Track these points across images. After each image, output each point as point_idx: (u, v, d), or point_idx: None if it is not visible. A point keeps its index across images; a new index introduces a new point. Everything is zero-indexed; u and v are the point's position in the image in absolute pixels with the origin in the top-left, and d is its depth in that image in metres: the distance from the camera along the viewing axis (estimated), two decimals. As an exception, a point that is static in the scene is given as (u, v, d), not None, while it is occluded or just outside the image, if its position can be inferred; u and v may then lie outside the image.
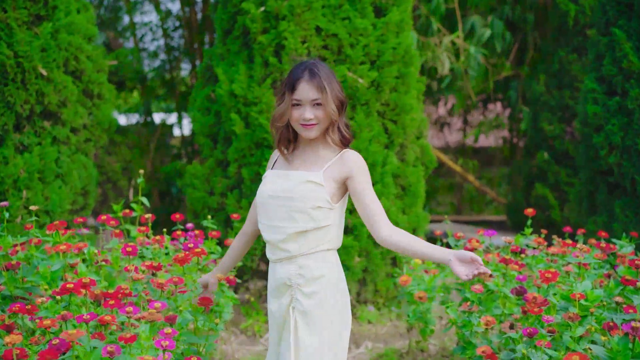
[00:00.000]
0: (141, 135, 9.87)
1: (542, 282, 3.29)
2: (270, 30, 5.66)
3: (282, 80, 2.97)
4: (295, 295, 2.77)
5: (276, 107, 2.81)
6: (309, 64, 2.77)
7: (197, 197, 5.88)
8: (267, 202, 2.81)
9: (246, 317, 5.78)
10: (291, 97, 2.74)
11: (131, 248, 3.52)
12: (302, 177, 2.76)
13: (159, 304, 2.79)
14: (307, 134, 2.77)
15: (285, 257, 2.79)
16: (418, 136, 6.22)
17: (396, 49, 5.83)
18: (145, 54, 10.90)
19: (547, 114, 8.40)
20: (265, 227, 2.84)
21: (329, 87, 2.71)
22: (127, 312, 2.67)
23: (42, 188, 5.55)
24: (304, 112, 2.72)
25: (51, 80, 5.56)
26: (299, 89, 2.72)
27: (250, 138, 5.63)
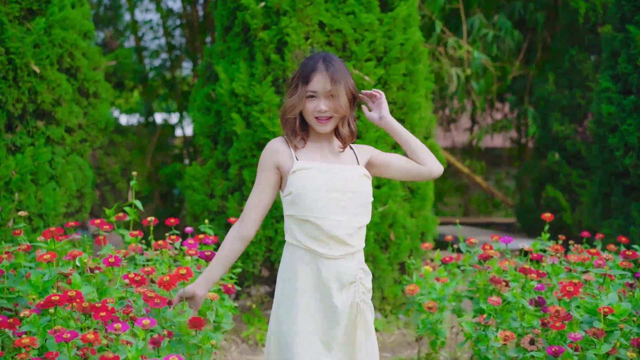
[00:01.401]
0: (142, 135, 9.68)
1: (564, 295, 3.05)
2: (272, 26, 5.43)
3: (293, 73, 2.75)
4: (360, 290, 2.70)
5: (287, 99, 2.71)
6: (322, 56, 2.69)
7: (196, 200, 5.65)
8: (323, 197, 2.63)
9: (247, 325, 5.55)
10: (305, 89, 2.66)
11: (114, 259, 3.29)
12: (358, 171, 2.71)
13: (147, 321, 2.56)
14: (323, 128, 2.69)
15: (349, 253, 2.67)
16: (426, 136, 5.98)
17: (404, 45, 5.60)
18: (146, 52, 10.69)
19: (558, 114, 8.17)
20: (327, 223, 2.63)
21: (343, 80, 2.65)
22: (115, 329, 2.44)
23: (35, 190, 5.33)
24: (319, 104, 2.65)
25: (44, 78, 5.33)
26: (314, 81, 2.64)
27: (252, 138, 5.40)
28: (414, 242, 5.68)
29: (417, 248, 5.71)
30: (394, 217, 5.52)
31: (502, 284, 3.73)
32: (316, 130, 2.70)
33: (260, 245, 5.42)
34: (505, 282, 3.75)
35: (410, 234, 5.62)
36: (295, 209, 2.64)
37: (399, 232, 5.54)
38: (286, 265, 2.71)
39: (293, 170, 2.64)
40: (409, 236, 5.62)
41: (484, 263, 3.89)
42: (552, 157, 8.20)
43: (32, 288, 3.32)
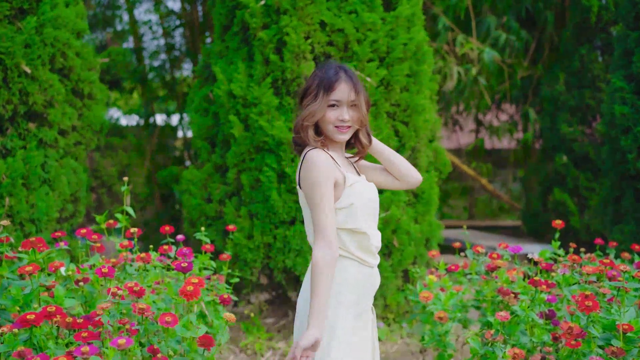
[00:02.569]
0: (141, 137, 9.52)
1: (582, 310, 2.85)
2: (271, 26, 5.25)
3: (308, 81, 2.68)
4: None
5: (308, 106, 2.64)
6: (340, 66, 2.70)
7: (193, 205, 5.47)
8: (371, 208, 2.70)
9: (246, 334, 5.37)
10: (328, 98, 2.62)
11: (107, 269, 3.11)
12: (374, 185, 2.78)
13: (123, 340, 2.38)
14: (342, 137, 2.66)
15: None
16: (431, 139, 5.80)
17: (407, 45, 5.41)
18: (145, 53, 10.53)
19: (566, 115, 7.97)
20: (373, 233, 2.69)
21: (362, 91, 2.67)
22: (82, 353, 2.26)
23: (27, 195, 5.15)
24: (342, 114, 2.62)
25: (36, 79, 5.15)
26: (338, 90, 2.62)
27: (250, 141, 5.22)
28: (419, 248, 5.49)
29: (421, 254, 5.52)
30: (398, 223, 5.33)
31: (510, 296, 3.53)
32: (334, 138, 2.66)
33: (258, 252, 5.24)
34: (514, 293, 3.56)
35: (414, 240, 5.43)
36: (350, 221, 2.59)
37: (403, 238, 5.34)
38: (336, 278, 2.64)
39: (351, 184, 2.60)
40: (413, 242, 5.43)
41: (491, 273, 3.69)
42: (559, 160, 7.99)
43: (12, 302, 3.15)
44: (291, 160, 5.14)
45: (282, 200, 5.15)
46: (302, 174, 2.56)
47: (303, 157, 2.59)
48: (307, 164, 2.54)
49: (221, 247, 5.34)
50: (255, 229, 5.24)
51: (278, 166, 5.18)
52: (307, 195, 2.55)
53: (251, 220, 5.30)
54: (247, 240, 5.24)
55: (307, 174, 2.53)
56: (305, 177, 2.55)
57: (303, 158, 2.59)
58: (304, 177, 2.55)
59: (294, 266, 5.20)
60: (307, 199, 2.55)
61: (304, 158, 2.58)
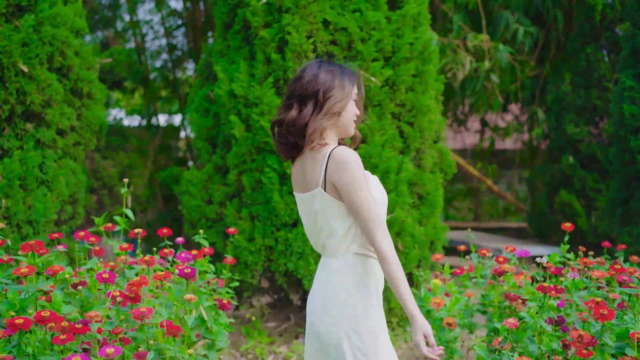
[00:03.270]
0: (143, 138, 9.45)
1: (597, 319, 2.75)
2: (273, 24, 5.15)
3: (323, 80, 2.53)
4: None
5: (333, 97, 2.53)
6: (341, 65, 2.66)
7: (193, 206, 5.38)
8: (385, 205, 2.70)
9: (247, 338, 5.27)
10: (353, 93, 2.61)
11: (108, 274, 3.02)
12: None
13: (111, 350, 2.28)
14: (353, 131, 2.66)
15: None
16: (436, 140, 5.69)
17: (413, 44, 5.31)
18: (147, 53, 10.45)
19: (573, 115, 7.85)
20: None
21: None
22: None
23: (24, 196, 5.07)
24: (356, 109, 2.64)
25: (33, 78, 5.06)
26: (359, 85, 2.65)
27: (251, 142, 5.12)
28: (423, 251, 5.38)
29: (426, 257, 5.42)
30: (402, 225, 5.22)
31: (518, 302, 3.43)
32: (349, 132, 2.63)
33: (259, 255, 5.14)
34: (521, 299, 3.46)
35: (418, 242, 5.32)
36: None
37: (407, 241, 5.24)
38: (350, 277, 2.53)
39: (370, 180, 2.58)
40: (417, 245, 5.32)
41: (498, 278, 3.59)
42: (566, 160, 7.88)
43: (8, 307, 3.06)
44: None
45: (284, 202, 5.05)
46: (336, 173, 2.45)
47: (329, 156, 2.48)
48: (342, 163, 2.44)
49: (222, 250, 5.24)
50: (256, 231, 5.14)
51: (280, 167, 5.08)
52: (346, 193, 2.45)
53: (252, 223, 5.21)
54: (248, 243, 5.14)
55: (344, 172, 2.43)
56: (341, 176, 2.44)
57: (329, 157, 2.47)
58: (340, 176, 2.45)
59: (296, 269, 5.10)
60: (348, 197, 2.45)
61: (330, 157, 2.47)
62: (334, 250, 2.55)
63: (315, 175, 2.51)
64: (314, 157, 2.52)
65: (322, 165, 2.49)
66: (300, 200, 2.62)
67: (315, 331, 2.57)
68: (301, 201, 2.61)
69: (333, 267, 2.55)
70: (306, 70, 2.55)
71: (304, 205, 2.61)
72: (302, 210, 2.64)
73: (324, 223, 2.53)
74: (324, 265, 2.61)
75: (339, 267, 2.55)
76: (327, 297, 2.55)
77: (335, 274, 2.54)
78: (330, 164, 2.47)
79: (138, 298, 2.76)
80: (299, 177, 2.61)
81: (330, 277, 2.55)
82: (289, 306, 5.63)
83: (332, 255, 2.57)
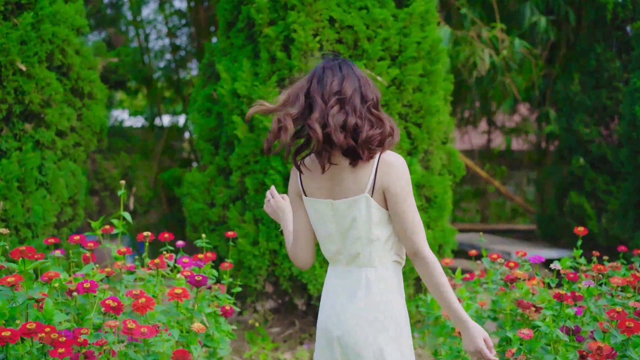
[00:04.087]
0: (147, 138, 9.34)
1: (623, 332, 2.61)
2: (278, 22, 5.02)
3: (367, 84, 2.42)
4: None
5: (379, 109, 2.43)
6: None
7: (195, 209, 5.25)
8: None
9: (250, 344, 5.14)
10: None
11: (89, 284, 2.90)
12: None
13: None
14: None
15: None
16: (444, 141, 5.55)
17: (421, 43, 5.17)
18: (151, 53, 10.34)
19: (583, 116, 7.70)
20: None
21: None
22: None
23: (23, 198, 4.95)
24: None
25: (32, 77, 4.94)
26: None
27: (255, 143, 4.99)
28: (431, 255, 5.24)
29: (434, 262, 5.28)
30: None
31: (531, 309, 3.29)
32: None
33: (263, 259, 5.01)
34: (534, 307, 3.32)
35: (426, 246, 5.18)
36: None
37: (415, 244, 5.10)
38: (392, 285, 2.46)
39: None
40: (425, 249, 5.18)
41: (510, 285, 3.45)
42: (576, 162, 7.72)
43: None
44: (298, 162, 4.90)
45: (289, 205, 4.91)
46: (388, 178, 2.35)
47: (379, 160, 2.36)
48: (395, 168, 2.35)
49: (225, 254, 5.11)
50: (260, 235, 5.01)
51: (284, 169, 4.95)
52: (396, 198, 2.36)
53: (256, 226, 5.08)
54: (251, 247, 5.01)
55: (397, 177, 2.35)
56: (394, 181, 2.35)
57: (379, 162, 2.36)
58: (392, 181, 2.35)
59: (301, 274, 4.98)
60: (397, 202, 2.36)
61: (380, 161, 2.36)
62: (371, 258, 2.43)
63: (359, 181, 2.38)
64: (359, 162, 2.38)
65: (370, 170, 2.37)
66: (328, 206, 2.44)
67: (352, 345, 2.42)
68: (328, 207, 2.44)
69: (369, 277, 2.42)
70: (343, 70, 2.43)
71: (331, 212, 2.44)
72: (326, 217, 2.46)
73: (363, 231, 2.40)
74: (352, 274, 2.46)
75: (378, 277, 2.43)
76: (365, 309, 2.41)
77: (374, 283, 2.42)
78: (382, 168, 2.36)
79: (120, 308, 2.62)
80: (323, 182, 2.45)
81: (367, 287, 2.42)
82: (294, 311, 5.50)
83: (368, 264, 2.43)
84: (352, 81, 2.38)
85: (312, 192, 2.48)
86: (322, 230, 2.50)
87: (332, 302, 2.49)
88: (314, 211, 2.49)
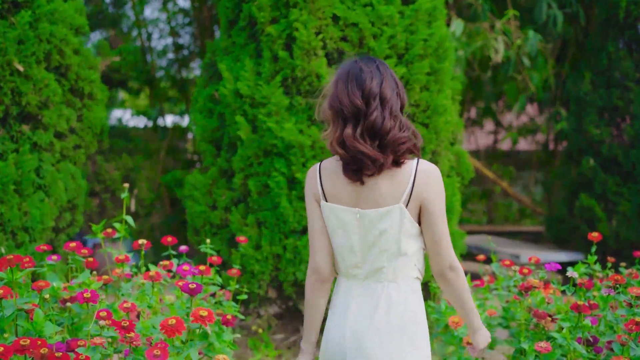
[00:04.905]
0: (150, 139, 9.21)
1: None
2: (280, 20, 4.88)
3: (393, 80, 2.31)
4: None
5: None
6: None
7: (197, 212, 5.11)
8: None
9: (254, 352, 5.00)
10: None
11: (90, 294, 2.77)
12: None
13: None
14: None
15: None
16: (452, 142, 5.41)
17: (428, 40, 5.03)
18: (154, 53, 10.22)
19: (593, 116, 7.53)
20: None
21: None
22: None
23: (19, 201, 4.82)
24: None
25: (30, 77, 4.81)
26: None
27: (258, 144, 4.86)
28: (439, 259, 5.10)
29: (442, 266, 5.13)
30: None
31: (547, 319, 3.15)
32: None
33: (267, 264, 4.87)
34: (550, 316, 3.18)
35: (434, 250, 5.04)
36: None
37: (422, 248, 4.96)
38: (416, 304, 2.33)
39: None
40: (433, 253, 5.04)
41: (524, 294, 3.31)
42: (586, 163, 7.55)
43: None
44: (302, 164, 4.77)
45: (293, 208, 4.78)
46: (426, 188, 2.24)
47: (416, 169, 2.24)
48: (434, 178, 2.25)
49: (227, 258, 4.98)
50: (263, 239, 4.88)
51: (288, 171, 4.81)
52: (432, 209, 2.25)
53: (259, 229, 4.94)
54: (254, 251, 4.87)
55: (436, 188, 2.25)
56: (432, 193, 2.25)
57: (417, 171, 2.24)
58: (430, 192, 2.25)
59: (305, 279, 4.83)
60: (433, 213, 2.25)
61: (418, 171, 2.25)
62: (396, 274, 2.29)
63: (394, 190, 2.24)
64: (393, 170, 2.25)
65: (407, 179, 2.24)
66: (354, 215, 2.28)
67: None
68: (353, 217, 2.28)
69: (391, 294, 2.28)
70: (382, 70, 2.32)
71: (357, 222, 2.28)
72: (349, 227, 2.30)
73: (391, 244, 2.27)
74: (371, 290, 2.31)
75: (402, 294, 2.29)
76: (389, 330, 2.27)
77: (398, 302, 2.28)
78: (420, 178, 2.24)
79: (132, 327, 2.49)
80: (349, 187, 2.29)
81: (391, 304, 2.28)
82: (298, 317, 5.36)
83: (392, 279, 2.29)
84: (391, 83, 2.29)
85: (334, 197, 2.31)
86: (340, 240, 2.33)
87: (346, 320, 2.32)
88: (334, 218, 2.32)
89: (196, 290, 2.88)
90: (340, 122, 2.25)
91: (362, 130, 2.20)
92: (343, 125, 2.23)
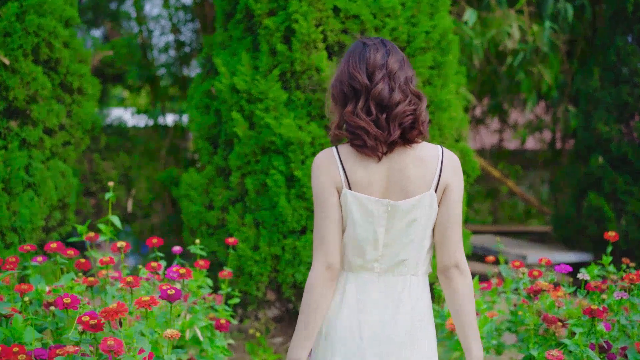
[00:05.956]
0: (149, 138, 9.05)
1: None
2: (279, 12, 4.70)
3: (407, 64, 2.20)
4: None
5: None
6: None
7: (193, 212, 4.93)
8: None
9: (251, 356, 4.82)
10: None
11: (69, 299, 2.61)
12: None
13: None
14: None
15: None
16: (457, 138, 5.22)
17: (430, 33, 4.84)
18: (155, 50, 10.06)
19: (602, 113, 7.33)
20: None
21: None
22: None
23: (8, 200, 4.65)
24: None
25: (16, 71, 4.64)
26: None
27: (255, 141, 4.67)
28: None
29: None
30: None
31: (557, 324, 2.97)
32: None
33: (265, 265, 4.69)
34: (561, 321, 3.00)
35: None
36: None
37: (426, 249, 4.77)
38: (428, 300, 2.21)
39: None
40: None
41: (534, 298, 3.12)
42: (595, 161, 7.35)
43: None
44: (301, 162, 4.58)
45: (292, 207, 4.60)
46: (452, 175, 2.11)
47: (442, 155, 2.11)
48: (458, 166, 2.12)
49: (224, 259, 4.80)
50: (261, 239, 4.69)
51: (287, 169, 4.63)
52: (454, 200, 2.11)
53: (257, 229, 4.76)
54: (252, 252, 4.69)
55: (459, 176, 2.12)
56: (457, 181, 2.12)
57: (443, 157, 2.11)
58: (455, 180, 2.11)
59: (305, 280, 4.65)
60: (454, 204, 2.11)
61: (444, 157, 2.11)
62: (418, 267, 2.14)
63: (424, 175, 2.08)
64: (417, 155, 2.08)
65: (435, 165, 2.09)
66: (383, 207, 2.09)
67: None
68: (383, 208, 2.09)
69: (412, 288, 2.13)
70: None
71: (386, 213, 2.09)
72: (377, 219, 2.10)
73: (419, 234, 2.11)
74: (390, 284, 2.13)
75: (420, 289, 2.15)
76: (413, 325, 2.12)
77: (419, 297, 2.14)
78: (448, 163, 2.10)
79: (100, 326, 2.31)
80: (377, 174, 2.10)
81: (414, 300, 2.13)
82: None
83: (413, 272, 2.13)
84: (397, 56, 2.15)
85: (358, 185, 2.11)
86: (363, 233, 2.12)
87: (362, 318, 2.13)
88: (359, 209, 2.11)
89: (175, 297, 2.69)
90: (341, 107, 2.12)
91: (364, 104, 2.05)
92: (343, 108, 2.10)
